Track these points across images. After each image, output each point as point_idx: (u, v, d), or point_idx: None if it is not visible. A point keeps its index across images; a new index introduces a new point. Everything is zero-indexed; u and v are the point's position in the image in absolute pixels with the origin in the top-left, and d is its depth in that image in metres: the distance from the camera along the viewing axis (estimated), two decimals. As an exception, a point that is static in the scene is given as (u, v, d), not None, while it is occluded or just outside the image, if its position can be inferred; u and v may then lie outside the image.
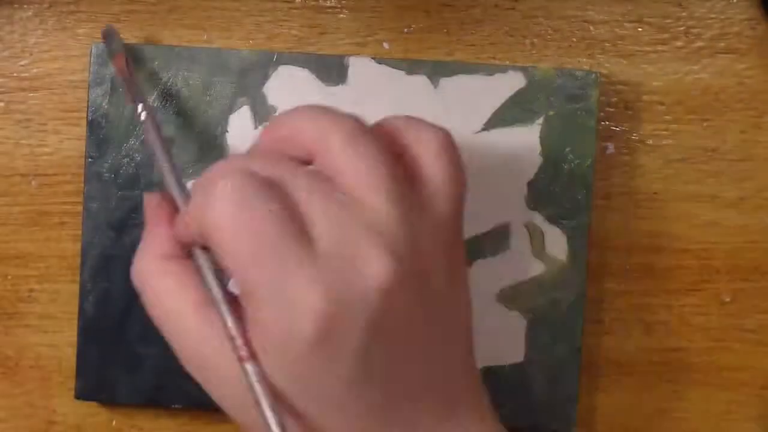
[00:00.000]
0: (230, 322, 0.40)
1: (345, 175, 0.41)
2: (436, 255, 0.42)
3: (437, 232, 0.43)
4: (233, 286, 0.41)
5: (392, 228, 0.40)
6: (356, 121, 0.43)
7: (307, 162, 0.43)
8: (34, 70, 0.58)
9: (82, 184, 0.56)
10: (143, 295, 0.44)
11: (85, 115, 0.56)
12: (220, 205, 0.40)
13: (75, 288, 0.57)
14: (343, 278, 0.39)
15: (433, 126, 0.45)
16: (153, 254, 0.44)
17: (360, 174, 0.41)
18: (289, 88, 0.56)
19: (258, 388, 0.39)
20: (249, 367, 0.39)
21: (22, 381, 0.59)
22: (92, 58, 0.56)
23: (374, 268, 0.39)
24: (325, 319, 0.38)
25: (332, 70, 0.56)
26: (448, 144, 0.45)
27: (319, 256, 0.39)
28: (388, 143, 0.44)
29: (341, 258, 0.39)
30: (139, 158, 0.56)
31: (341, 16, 0.58)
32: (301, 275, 0.38)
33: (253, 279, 0.39)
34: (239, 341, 0.39)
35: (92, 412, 0.58)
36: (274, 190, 0.40)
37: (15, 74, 0.58)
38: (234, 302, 0.41)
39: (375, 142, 0.42)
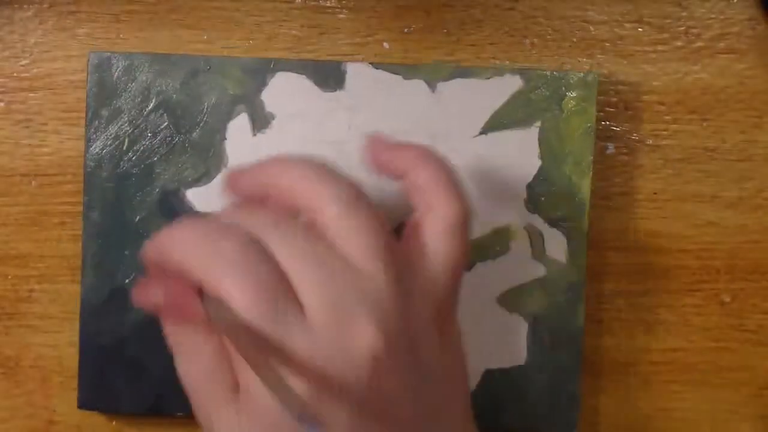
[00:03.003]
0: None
1: (342, 242, 0.41)
2: (427, 326, 0.43)
3: (430, 303, 0.43)
4: None
5: (384, 300, 0.41)
6: (353, 188, 0.43)
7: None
8: (34, 70, 0.58)
9: (82, 185, 0.56)
10: None
11: (84, 115, 0.56)
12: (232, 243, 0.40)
13: (75, 288, 0.58)
14: (336, 349, 0.39)
15: (449, 198, 0.45)
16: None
17: (357, 244, 0.41)
18: (287, 94, 0.56)
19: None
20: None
21: (22, 381, 0.59)
22: (90, 67, 0.56)
23: (364, 339, 0.39)
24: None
25: (330, 76, 0.56)
26: (459, 224, 0.45)
27: (312, 326, 0.39)
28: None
29: (334, 328, 0.39)
30: (136, 169, 0.56)
31: (341, 16, 0.58)
32: (297, 343, 0.39)
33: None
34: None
35: (92, 411, 0.58)
36: (264, 256, 0.41)
37: (15, 74, 0.58)
38: None
39: (372, 213, 0.43)
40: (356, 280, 0.40)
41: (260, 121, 0.56)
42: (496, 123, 0.56)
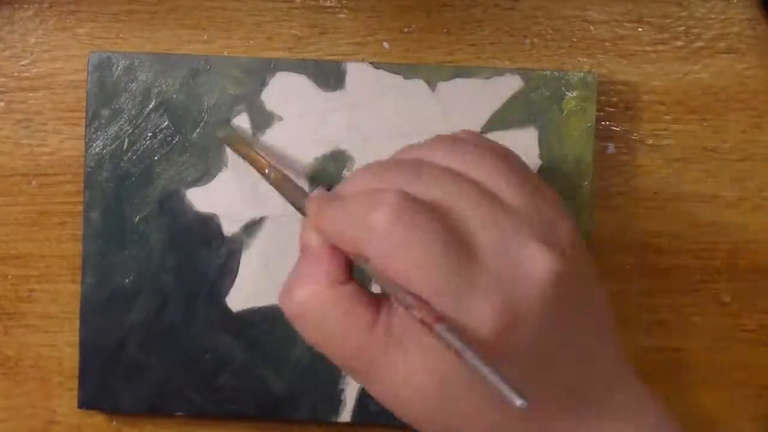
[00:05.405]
0: (408, 299, 0.39)
1: (492, 185, 0.42)
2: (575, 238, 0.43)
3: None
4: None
5: (542, 223, 0.41)
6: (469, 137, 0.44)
7: None
8: (35, 70, 0.58)
9: (82, 185, 0.56)
10: (302, 322, 0.44)
11: (84, 115, 0.56)
12: (385, 234, 0.40)
13: (75, 288, 0.58)
14: (511, 283, 0.39)
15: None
16: (314, 284, 0.43)
17: (499, 182, 0.42)
18: (287, 94, 0.56)
19: (457, 343, 0.37)
20: (439, 327, 0.38)
21: (22, 381, 0.59)
22: (90, 67, 0.56)
23: (539, 264, 0.40)
24: (502, 325, 0.39)
25: (330, 76, 0.56)
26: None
27: (485, 269, 0.39)
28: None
29: (505, 265, 0.40)
30: (136, 169, 0.56)
31: (341, 16, 0.58)
32: (473, 291, 0.39)
33: (426, 291, 0.39)
34: (421, 311, 0.38)
35: (92, 411, 0.58)
36: (437, 216, 0.40)
37: (15, 74, 0.58)
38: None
39: (495, 150, 0.44)
40: (512, 212, 0.41)
41: (260, 121, 0.56)
42: (496, 123, 0.56)
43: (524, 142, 0.56)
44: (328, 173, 0.56)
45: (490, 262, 0.39)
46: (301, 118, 0.56)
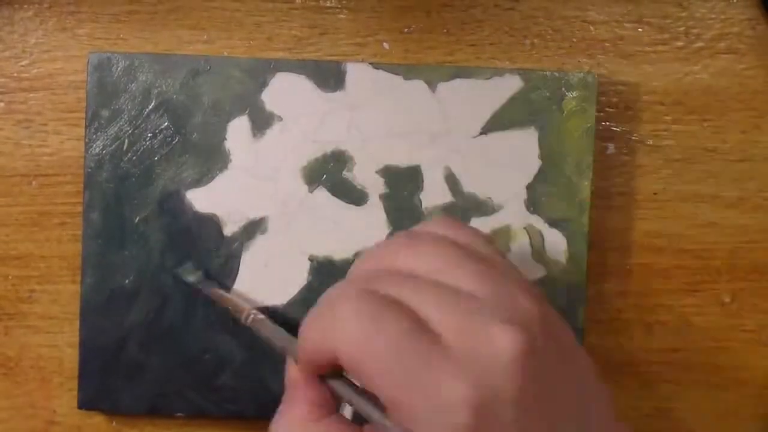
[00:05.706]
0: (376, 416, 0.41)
1: (449, 277, 0.42)
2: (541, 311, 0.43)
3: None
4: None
5: (504, 304, 0.41)
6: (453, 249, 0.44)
7: None
8: (35, 71, 0.58)
9: (82, 185, 0.56)
10: None
11: (84, 115, 0.56)
12: (351, 325, 0.40)
13: (75, 288, 0.58)
14: (479, 361, 0.39)
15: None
16: (296, 418, 0.45)
17: (456, 274, 0.42)
18: (288, 95, 0.56)
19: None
20: None
21: (22, 381, 0.59)
22: (89, 68, 0.56)
23: (505, 342, 0.39)
24: (476, 405, 0.38)
25: (330, 76, 0.56)
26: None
27: (450, 351, 0.39)
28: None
29: (471, 345, 0.39)
30: (136, 169, 0.56)
31: (341, 16, 0.58)
32: (442, 375, 0.39)
33: (397, 389, 0.39)
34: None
35: (92, 412, 0.58)
36: (398, 306, 0.41)
37: (15, 74, 0.58)
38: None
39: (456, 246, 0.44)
40: (476, 298, 0.41)
41: (260, 121, 0.56)
42: (496, 123, 0.56)
43: (524, 143, 0.56)
44: (327, 173, 0.56)
45: (456, 345, 0.39)
46: (301, 118, 0.56)
